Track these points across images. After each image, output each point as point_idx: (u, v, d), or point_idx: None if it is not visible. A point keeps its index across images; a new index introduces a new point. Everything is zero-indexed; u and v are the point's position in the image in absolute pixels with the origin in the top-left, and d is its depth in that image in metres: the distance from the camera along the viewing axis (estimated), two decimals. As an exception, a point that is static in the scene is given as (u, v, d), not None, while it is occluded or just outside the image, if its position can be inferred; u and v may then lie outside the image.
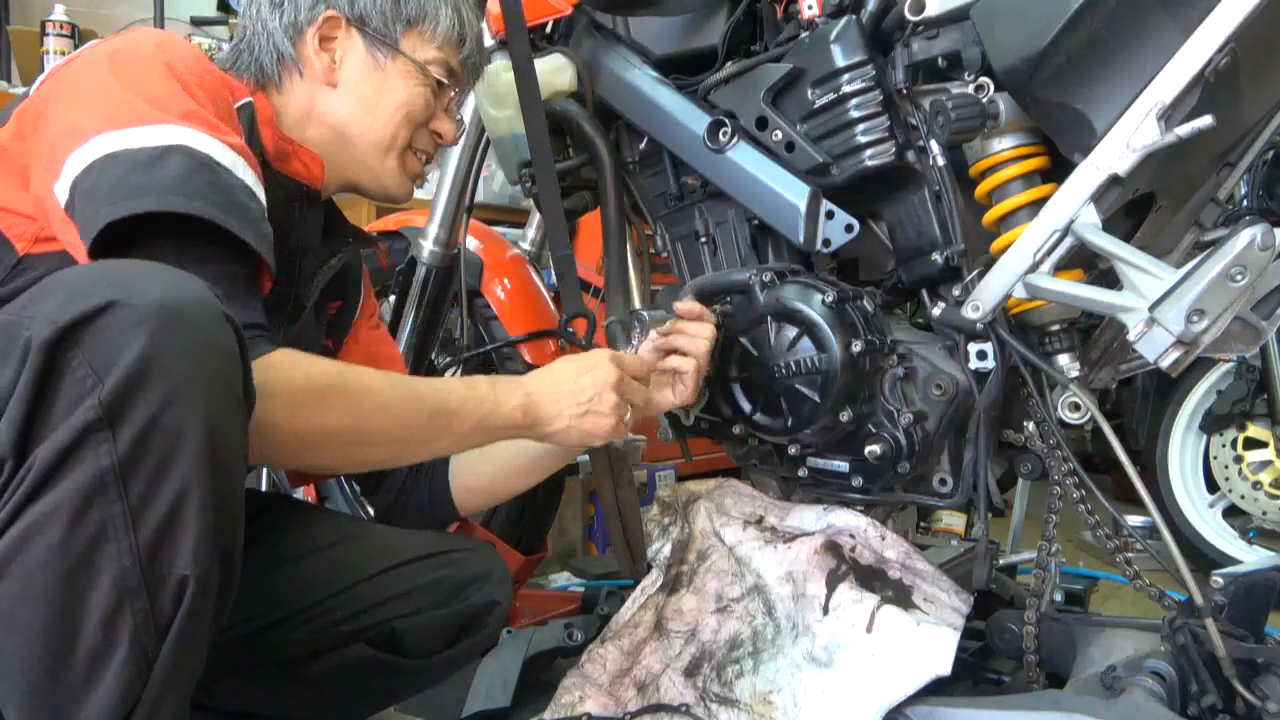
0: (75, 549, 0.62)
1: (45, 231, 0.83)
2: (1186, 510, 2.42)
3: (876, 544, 1.29)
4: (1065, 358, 1.16)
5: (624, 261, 1.49)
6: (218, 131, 0.84)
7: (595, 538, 2.49)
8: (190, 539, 0.65)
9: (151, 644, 0.64)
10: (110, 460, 0.62)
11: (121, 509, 0.62)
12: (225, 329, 0.68)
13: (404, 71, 1.04)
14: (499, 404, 0.96)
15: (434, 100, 1.08)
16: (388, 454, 0.93)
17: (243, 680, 0.98)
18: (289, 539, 1.05)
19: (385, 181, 1.08)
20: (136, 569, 0.63)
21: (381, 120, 1.05)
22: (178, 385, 0.64)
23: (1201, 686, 0.99)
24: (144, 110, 0.81)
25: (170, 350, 0.63)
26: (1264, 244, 0.91)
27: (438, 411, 0.91)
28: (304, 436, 0.82)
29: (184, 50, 0.90)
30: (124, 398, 0.62)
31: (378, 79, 1.04)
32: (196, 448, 0.64)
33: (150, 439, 0.63)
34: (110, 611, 0.63)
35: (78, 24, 2.57)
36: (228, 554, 0.69)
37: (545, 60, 1.47)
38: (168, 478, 0.64)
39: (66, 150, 0.79)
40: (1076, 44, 1.01)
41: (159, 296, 0.64)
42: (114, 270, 0.67)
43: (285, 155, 1.01)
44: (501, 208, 2.99)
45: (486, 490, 1.19)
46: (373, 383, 0.88)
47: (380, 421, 0.87)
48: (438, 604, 1.04)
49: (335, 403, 0.83)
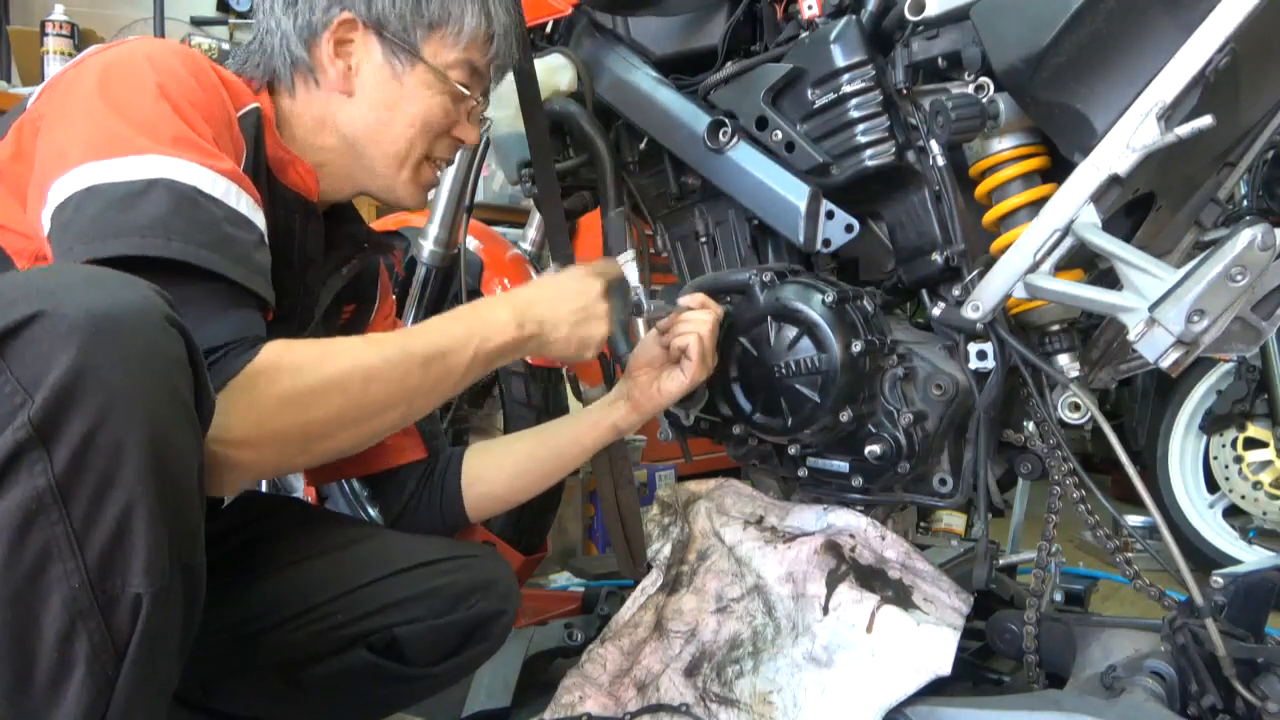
0: (19, 572, 0.59)
1: (42, 251, 0.81)
2: (1186, 510, 2.43)
3: (876, 544, 1.29)
4: (1065, 358, 1.16)
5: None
6: (208, 157, 0.82)
7: (595, 538, 2.50)
8: (141, 555, 0.62)
9: (110, 664, 0.62)
10: (47, 480, 0.59)
11: (64, 529, 0.60)
12: (169, 334, 0.64)
13: (423, 81, 0.99)
14: (488, 325, 0.93)
15: (454, 107, 1.03)
16: (397, 416, 0.89)
17: (242, 683, 0.97)
18: (292, 542, 1.04)
19: (398, 193, 1.05)
20: (87, 589, 0.60)
21: (396, 133, 1.00)
22: (114, 397, 0.60)
23: (1201, 686, 0.99)
24: (129, 138, 0.79)
25: (104, 360, 0.60)
26: (1264, 244, 0.91)
27: (430, 357, 0.88)
28: (310, 433, 0.81)
29: (178, 64, 0.87)
30: (56, 414, 0.59)
31: (395, 89, 0.99)
32: (140, 461, 0.61)
33: (88, 455, 0.60)
34: (64, 633, 0.60)
35: (78, 24, 2.57)
36: (189, 566, 0.67)
37: (545, 60, 1.47)
38: (111, 494, 0.60)
39: (51, 176, 0.77)
40: (1076, 44, 1.01)
41: (91, 304, 0.61)
42: (43, 278, 0.63)
43: (283, 165, 0.98)
44: (501, 208, 2.99)
45: (500, 497, 1.18)
46: (356, 354, 0.84)
47: (377, 391, 0.84)
48: (441, 611, 1.02)
49: (326, 392, 0.81)
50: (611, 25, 1.47)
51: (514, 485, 1.17)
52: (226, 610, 0.93)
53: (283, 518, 1.09)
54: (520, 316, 0.96)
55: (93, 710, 0.62)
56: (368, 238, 1.14)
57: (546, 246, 1.95)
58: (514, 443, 1.21)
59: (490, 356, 0.94)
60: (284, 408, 0.78)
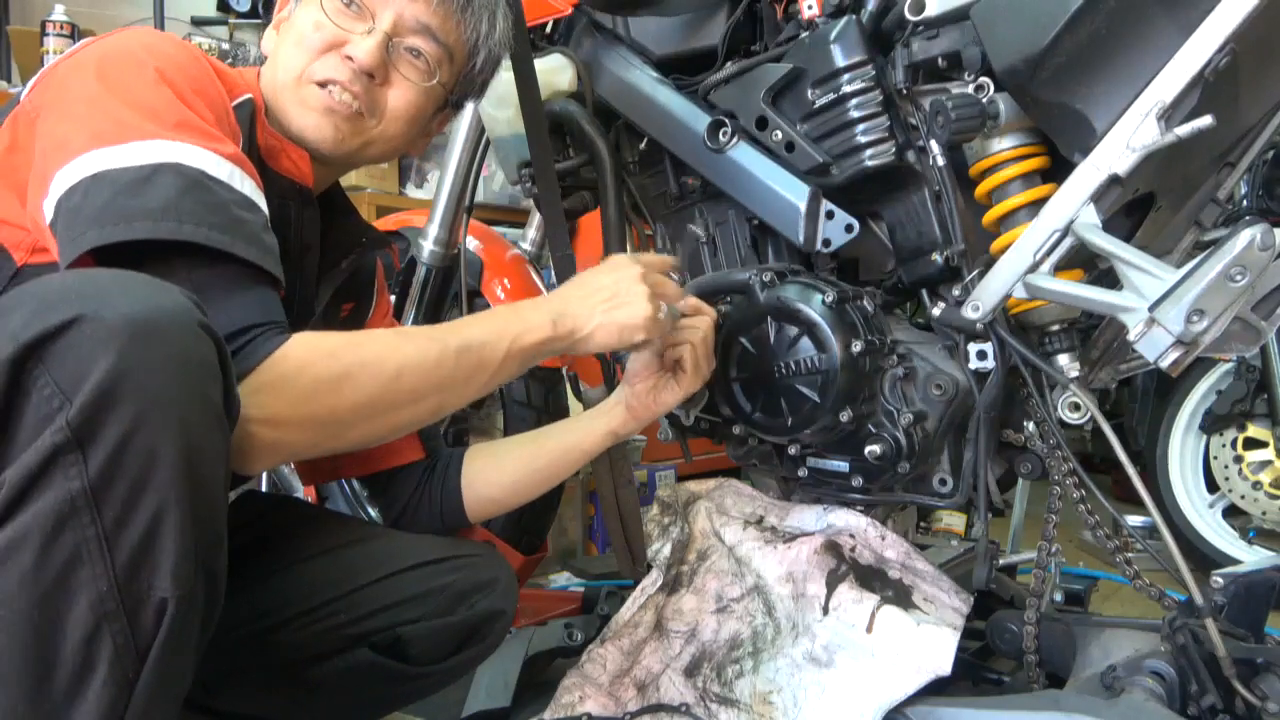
0: (49, 573, 0.60)
1: (42, 243, 0.82)
2: (1186, 510, 2.43)
3: (876, 544, 1.29)
4: (1065, 358, 1.16)
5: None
6: (212, 141, 0.82)
7: (595, 538, 2.50)
8: (169, 560, 0.63)
9: (132, 666, 0.63)
10: (81, 483, 0.60)
11: (95, 532, 0.60)
12: (202, 340, 0.65)
13: (306, 9, 0.97)
14: (526, 322, 0.94)
15: (335, 23, 0.96)
16: (430, 407, 0.89)
17: (244, 683, 0.97)
18: (294, 542, 1.04)
19: (295, 123, 0.98)
20: (114, 592, 0.61)
21: (280, 62, 0.98)
22: (150, 402, 0.61)
23: (1201, 686, 0.99)
24: (133, 123, 0.79)
25: (142, 366, 0.61)
26: (1264, 244, 0.91)
27: (464, 349, 0.89)
28: (342, 419, 0.81)
29: (174, 51, 0.88)
30: (93, 418, 0.60)
31: (285, 29, 0.99)
32: (172, 467, 0.62)
33: (123, 460, 0.60)
34: (88, 635, 0.61)
35: (78, 24, 2.57)
36: (211, 572, 0.67)
37: (545, 60, 1.47)
38: (143, 499, 0.61)
39: (54, 166, 0.77)
40: (1076, 44, 1.01)
41: (129, 309, 0.61)
42: (83, 281, 0.64)
43: (274, 152, 0.98)
44: (501, 208, 2.99)
45: (498, 499, 1.18)
46: (388, 343, 0.86)
47: (409, 380, 0.84)
48: (443, 611, 1.02)
49: (359, 377, 0.81)
50: (611, 25, 1.47)
51: (512, 489, 1.17)
52: (228, 610, 0.93)
53: (283, 517, 1.09)
54: (554, 314, 0.96)
55: (111, 712, 0.62)
56: (365, 232, 1.14)
57: (546, 246, 1.95)
58: (513, 446, 1.21)
59: (525, 353, 0.94)
60: (317, 390, 0.79)
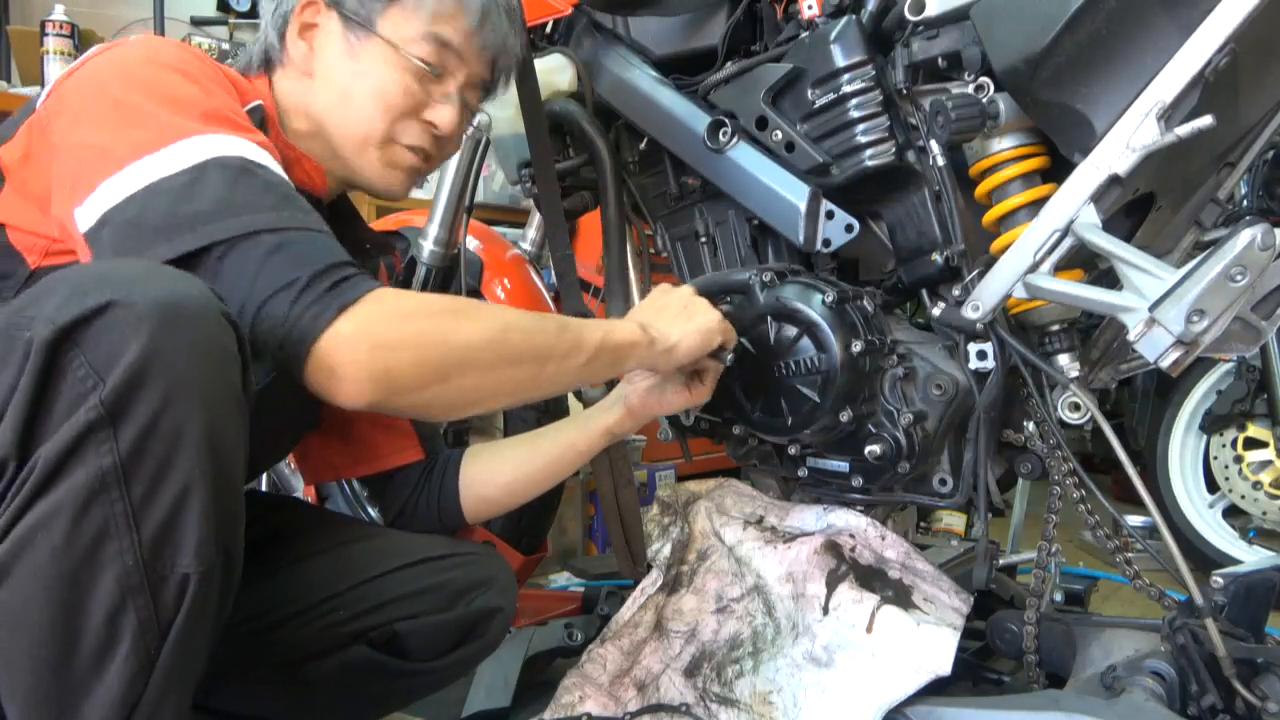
0: (78, 548, 0.62)
1: (56, 246, 0.83)
2: (1186, 510, 2.43)
3: (876, 544, 1.29)
4: (1065, 358, 1.16)
5: (624, 261, 1.49)
6: (243, 130, 0.83)
7: (595, 538, 2.50)
8: (193, 537, 0.65)
9: (154, 642, 0.65)
10: (112, 459, 0.62)
11: (124, 508, 0.63)
12: (225, 328, 0.68)
13: (380, 56, 0.97)
14: (614, 324, 0.98)
15: (419, 86, 0.99)
16: (525, 376, 0.87)
17: (243, 681, 0.97)
18: (294, 540, 1.05)
19: (371, 179, 1.02)
20: (139, 567, 0.64)
21: (355, 112, 0.98)
22: (178, 384, 0.64)
23: (1201, 686, 0.99)
24: (169, 123, 0.80)
25: (170, 349, 0.64)
26: (1264, 244, 0.91)
27: (564, 326, 0.91)
28: (448, 358, 0.80)
29: (188, 54, 0.89)
30: (125, 397, 0.62)
31: (350, 67, 0.97)
32: (197, 446, 0.65)
33: (152, 438, 0.63)
34: (113, 610, 0.63)
35: (78, 24, 2.57)
36: (229, 552, 0.69)
37: (545, 60, 1.47)
38: (169, 476, 0.64)
39: (98, 174, 0.78)
40: (1076, 44, 1.01)
41: (158, 295, 0.65)
42: (113, 270, 0.68)
43: (289, 163, 0.98)
44: (501, 208, 2.99)
45: (496, 500, 1.18)
46: (495, 306, 0.89)
47: (515, 337, 0.86)
48: (441, 608, 1.02)
49: (473, 318, 0.83)
50: (611, 25, 1.47)
51: (510, 489, 1.17)
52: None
53: (283, 517, 1.09)
54: (639, 324, 1.00)
55: (132, 688, 0.64)
56: (369, 238, 1.15)
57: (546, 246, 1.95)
58: (510, 447, 1.21)
59: (618, 351, 0.96)
60: (432, 318, 0.81)
